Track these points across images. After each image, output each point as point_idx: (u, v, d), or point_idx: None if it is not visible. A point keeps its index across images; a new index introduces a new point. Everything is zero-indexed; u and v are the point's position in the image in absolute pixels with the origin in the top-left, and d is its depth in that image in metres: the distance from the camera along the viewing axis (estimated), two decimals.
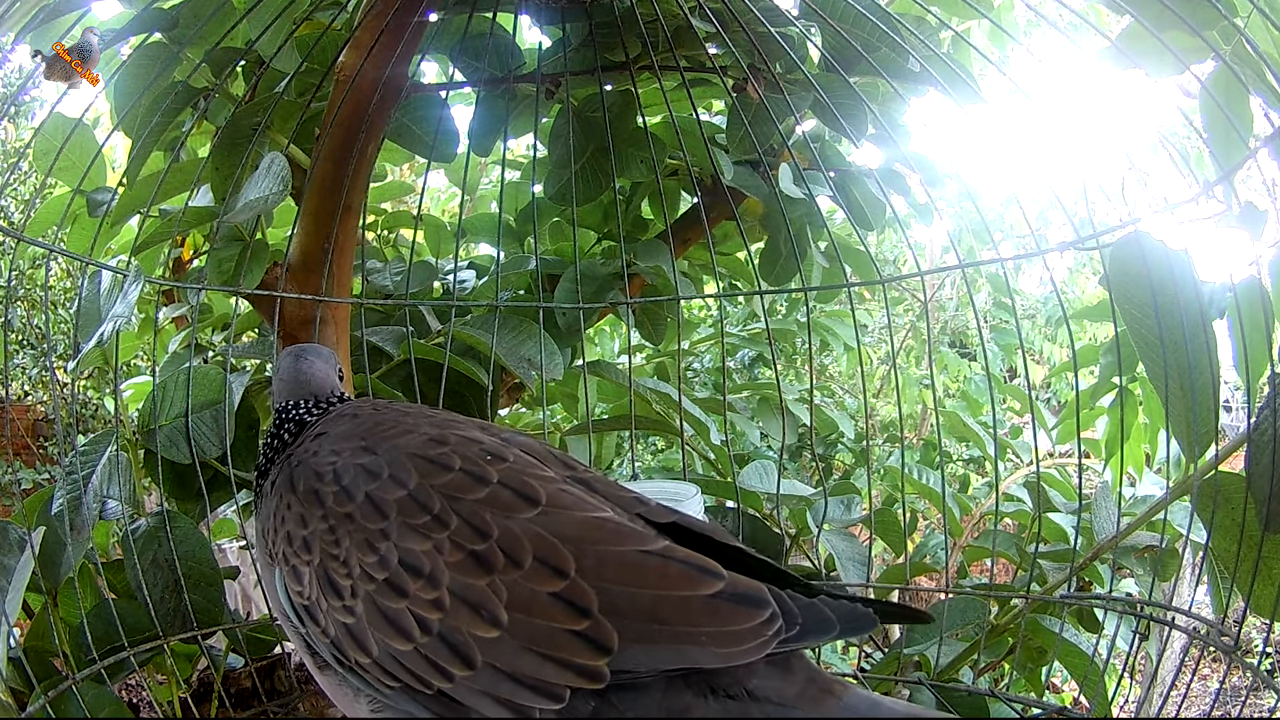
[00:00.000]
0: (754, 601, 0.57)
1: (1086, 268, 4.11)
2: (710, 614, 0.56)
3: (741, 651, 0.55)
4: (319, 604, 0.63)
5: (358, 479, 0.64)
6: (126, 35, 1.12)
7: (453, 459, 0.64)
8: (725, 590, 0.57)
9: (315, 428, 0.74)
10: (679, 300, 1.29)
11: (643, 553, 0.59)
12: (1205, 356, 0.89)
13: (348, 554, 0.61)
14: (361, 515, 0.62)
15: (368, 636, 0.60)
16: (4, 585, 0.87)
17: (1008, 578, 1.97)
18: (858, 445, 2.51)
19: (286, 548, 0.65)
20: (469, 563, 0.59)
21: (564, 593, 0.57)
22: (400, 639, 0.59)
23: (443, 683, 0.58)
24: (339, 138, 1.16)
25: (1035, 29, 2.08)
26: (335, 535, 0.62)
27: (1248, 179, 0.95)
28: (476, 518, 0.60)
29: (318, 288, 1.16)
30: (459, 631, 0.57)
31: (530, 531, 0.59)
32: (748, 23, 1.10)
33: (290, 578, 0.65)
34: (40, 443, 4.18)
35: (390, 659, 0.59)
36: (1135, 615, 1.07)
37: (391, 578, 0.59)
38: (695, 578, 0.57)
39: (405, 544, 0.60)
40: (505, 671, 0.57)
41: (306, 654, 0.67)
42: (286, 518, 0.66)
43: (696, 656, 0.56)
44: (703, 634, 0.56)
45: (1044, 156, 0.94)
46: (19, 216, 3.73)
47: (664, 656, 0.56)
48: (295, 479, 0.67)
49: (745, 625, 0.56)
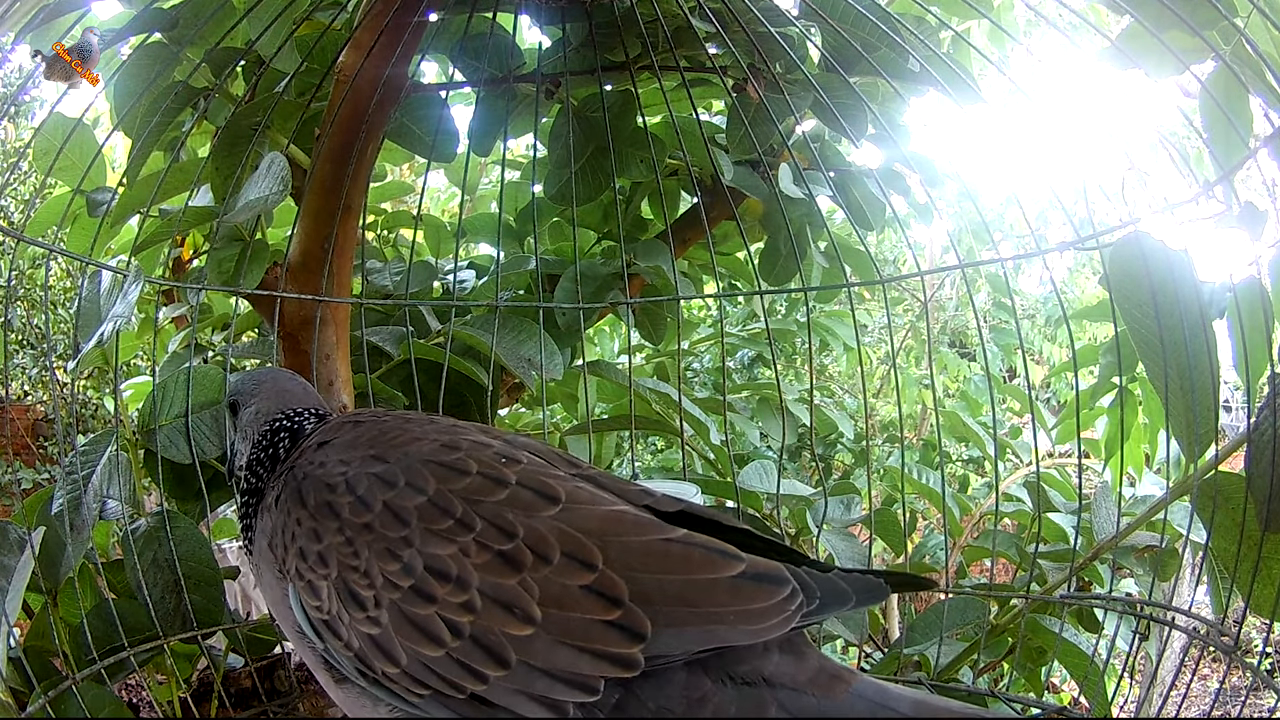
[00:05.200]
0: (775, 580, 0.59)
1: (1086, 268, 4.11)
2: (735, 594, 0.58)
3: (767, 628, 0.57)
4: (340, 617, 0.62)
5: (373, 488, 0.63)
6: (126, 35, 1.12)
7: (469, 463, 0.64)
8: (747, 571, 0.59)
9: (312, 438, 0.73)
10: (679, 300, 1.29)
11: (665, 540, 0.60)
12: (1205, 356, 0.89)
13: (368, 564, 0.61)
14: (380, 524, 0.62)
15: (395, 646, 0.60)
16: (4, 585, 0.87)
17: (1007, 578, 1.97)
18: (857, 445, 2.51)
19: (300, 563, 0.64)
20: (497, 563, 0.59)
21: (595, 584, 0.58)
22: (431, 645, 0.59)
23: (476, 685, 0.58)
24: (339, 138, 1.15)
25: (1035, 29, 2.08)
26: (354, 546, 0.62)
27: (1248, 179, 0.95)
28: (500, 519, 0.61)
29: (318, 288, 1.16)
30: (491, 632, 0.58)
31: (554, 528, 0.60)
32: (748, 23, 1.10)
33: (307, 593, 0.64)
34: (40, 443, 4.18)
35: (420, 666, 0.59)
36: (1135, 615, 1.07)
37: (418, 584, 0.60)
38: (718, 561, 0.59)
39: (429, 549, 0.60)
40: (540, 668, 0.57)
41: (322, 669, 0.66)
42: (297, 534, 0.65)
43: (726, 635, 0.57)
44: (730, 613, 0.58)
45: (1044, 156, 0.94)
46: (19, 216, 3.73)
47: (695, 638, 0.57)
48: (304, 492, 0.66)
49: (769, 603, 0.58)
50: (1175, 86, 0.97)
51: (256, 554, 0.71)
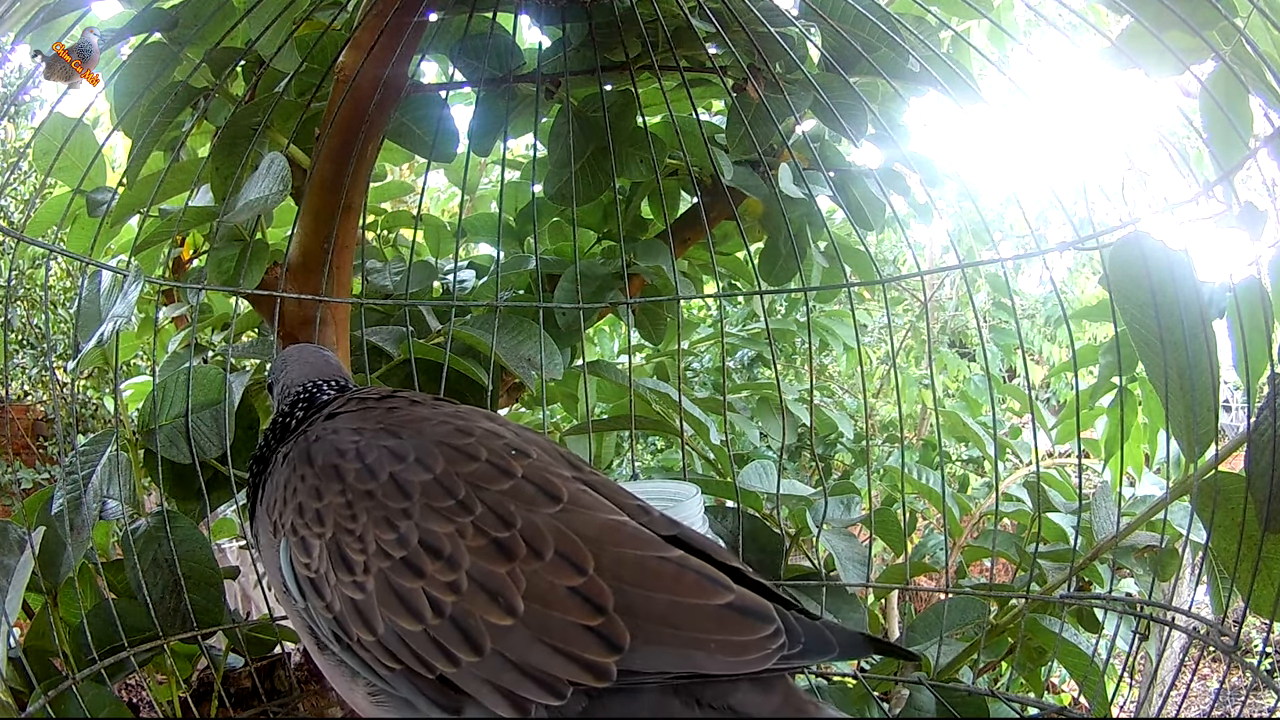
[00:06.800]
0: (760, 616, 0.58)
1: (1086, 268, 4.11)
2: (719, 623, 0.58)
3: (746, 661, 0.57)
4: (326, 577, 0.63)
5: (382, 459, 0.64)
6: (126, 35, 1.12)
7: (479, 450, 0.65)
8: (735, 602, 0.58)
9: (328, 408, 0.75)
10: (679, 300, 1.29)
11: (660, 559, 0.60)
12: (1205, 356, 0.89)
13: (364, 529, 0.62)
14: (383, 494, 0.62)
15: (375, 614, 0.60)
16: (4, 585, 0.87)
17: (1007, 578, 1.97)
18: (857, 445, 2.51)
19: (296, 519, 0.65)
20: (491, 549, 0.59)
21: (582, 588, 0.58)
22: (410, 619, 0.59)
23: (447, 667, 0.58)
24: (339, 138, 1.16)
25: (1035, 29, 2.08)
26: (353, 510, 0.63)
27: (1248, 179, 0.95)
28: (501, 507, 0.61)
29: (318, 288, 1.16)
30: (472, 616, 0.58)
31: (552, 526, 0.60)
32: (748, 23, 1.10)
33: (298, 549, 0.65)
34: (40, 443, 4.18)
35: (395, 639, 0.60)
36: (1135, 615, 1.07)
37: (410, 556, 0.60)
38: (708, 587, 0.59)
39: (427, 524, 0.60)
40: (513, 661, 0.57)
41: (306, 633, 0.67)
42: (299, 489, 0.66)
43: (703, 663, 0.57)
44: (711, 641, 0.57)
45: (1044, 156, 0.94)
46: (19, 216, 3.73)
47: (672, 660, 0.57)
48: (313, 453, 0.67)
49: (751, 637, 0.57)
50: (1175, 86, 0.97)
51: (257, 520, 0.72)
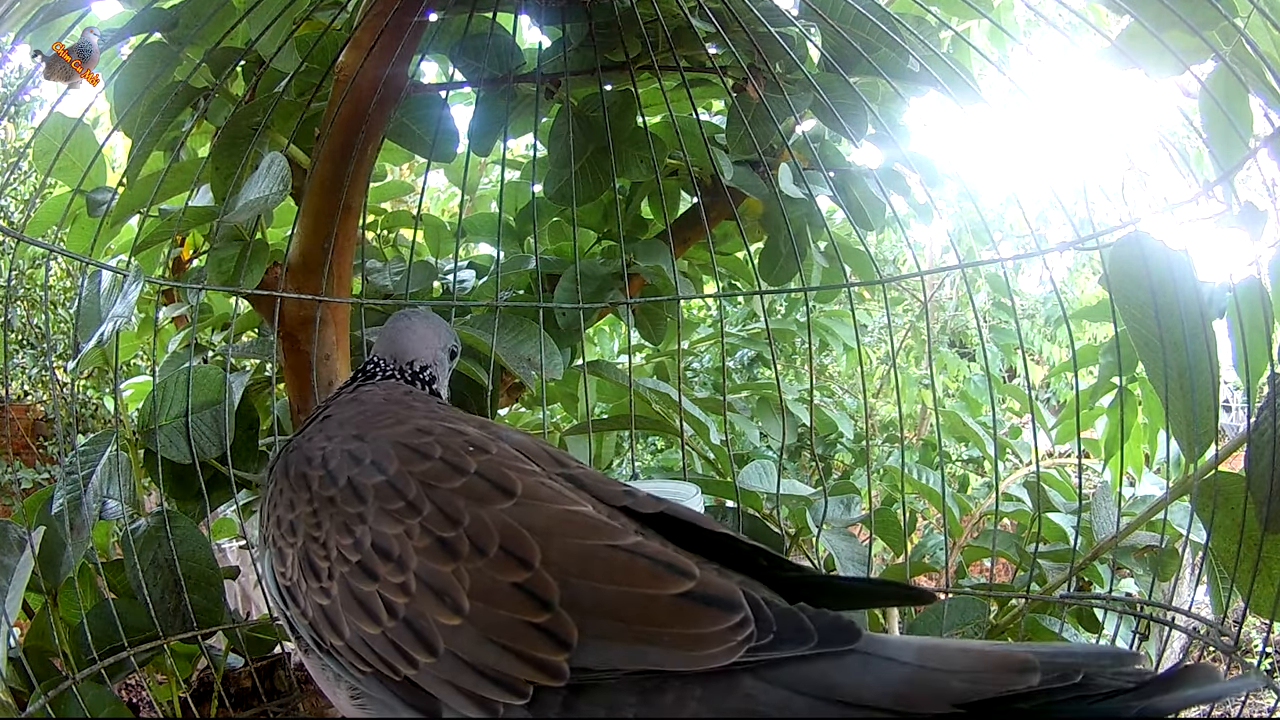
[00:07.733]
0: (724, 604, 0.54)
1: (1086, 268, 4.11)
2: (675, 614, 0.54)
3: (706, 655, 0.53)
4: (299, 585, 0.64)
5: (342, 464, 0.65)
6: (126, 35, 1.12)
7: (434, 448, 0.64)
8: (695, 590, 0.55)
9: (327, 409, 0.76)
10: (679, 300, 1.29)
11: (610, 547, 0.57)
12: (1205, 356, 0.89)
13: (327, 536, 0.62)
14: (342, 499, 0.63)
15: (341, 619, 0.61)
16: (4, 585, 0.88)
17: (1007, 578, 1.97)
18: (857, 445, 2.51)
19: (275, 530, 0.67)
20: (436, 549, 0.59)
21: (526, 584, 0.56)
22: (369, 622, 0.59)
23: (408, 669, 0.58)
24: (339, 138, 1.16)
25: (1035, 29, 2.08)
26: (318, 518, 0.64)
27: (1248, 179, 0.95)
28: (450, 505, 0.60)
29: (318, 288, 1.16)
30: (423, 617, 0.58)
31: (500, 521, 0.59)
32: (748, 23, 1.10)
33: (276, 559, 0.66)
34: (40, 443, 4.18)
35: (361, 642, 0.60)
36: (1135, 615, 1.07)
37: (364, 560, 0.60)
38: (663, 575, 0.56)
39: (379, 528, 0.61)
40: (467, 661, 0.56)
41: (294, 637, 0.68)
42: (278, 502, 0.67)
43: (658, 658, 0.53)
44: (666, 635, 0.54)
45: (1044, 156, 0.94)
46: (19, 216, 3.73)
47: (624, 656, 0.54)
48: (289, 464, 0.69)
49: (712, 629, 0.53)
50: (1175, 86, 0.97)
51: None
